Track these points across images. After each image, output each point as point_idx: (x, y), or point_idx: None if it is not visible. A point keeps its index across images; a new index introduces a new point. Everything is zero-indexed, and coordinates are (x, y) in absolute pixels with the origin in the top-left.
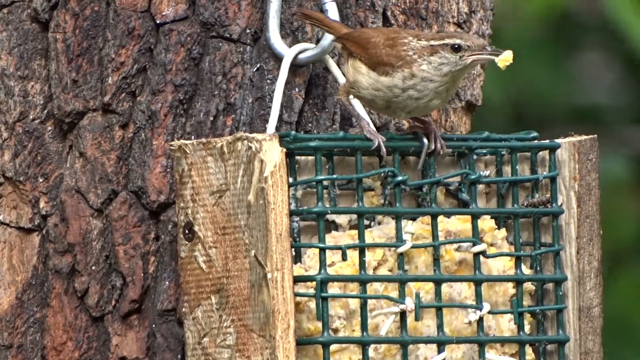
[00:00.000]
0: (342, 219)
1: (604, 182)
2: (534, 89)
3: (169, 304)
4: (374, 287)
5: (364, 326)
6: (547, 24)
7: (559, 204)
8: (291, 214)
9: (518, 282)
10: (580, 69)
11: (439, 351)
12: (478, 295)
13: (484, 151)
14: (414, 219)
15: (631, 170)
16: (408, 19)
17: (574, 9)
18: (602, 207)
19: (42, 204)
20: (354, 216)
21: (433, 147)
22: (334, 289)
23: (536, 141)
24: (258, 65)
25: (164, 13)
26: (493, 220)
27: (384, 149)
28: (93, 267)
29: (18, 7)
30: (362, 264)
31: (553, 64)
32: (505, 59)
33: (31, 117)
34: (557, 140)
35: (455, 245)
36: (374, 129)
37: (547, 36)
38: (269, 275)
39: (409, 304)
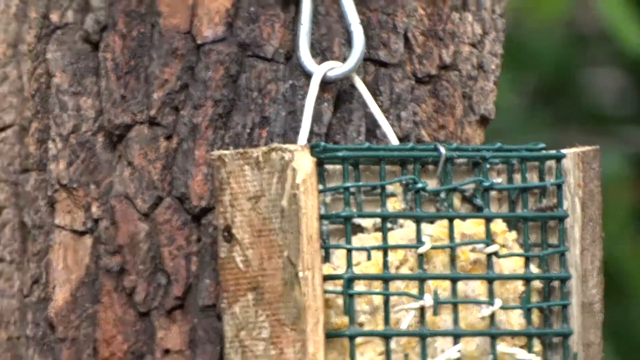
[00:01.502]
0: (367, 223)
1: (606, 176)
2: (545, 94)
3: (210, 300)
4: (396, 285)
5: (386, 320)
6: (557, 33)
7: (565, 208)
8: (321, 217)
9: (527, 280)
10: (588, 75)
11: (455, 343)
12: (491, 292)
13: (497, 161)
14: (432, 223)
15: (630, 167)
16: (427, 39)
17: (579, 20)
18: (604, 198)
19: (93, 209)
20: (379, 220)
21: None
22: (359, 286)
23: (544, 151)
24: (290, 82)
25: (204, 34)
26: (505, 223)
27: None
28: (140, 267)
29: (71, 29)
30: (385, 264)
31: (563, 70)
32: None
33: (83, 129)
34: (563, 151)
35: (470, 247)
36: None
37: (557, 44)
38: (301, 274)
39: (428, 300)
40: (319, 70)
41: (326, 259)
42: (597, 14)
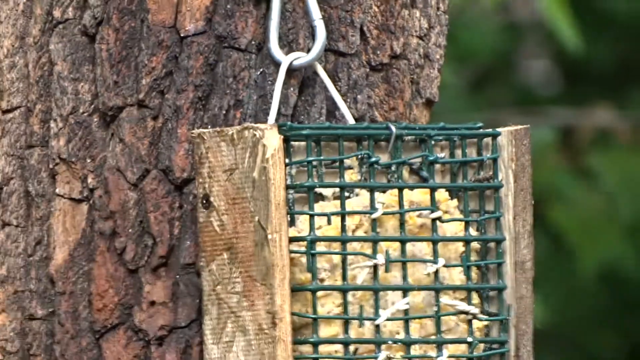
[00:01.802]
0: (327, 192)
1: (536, 145)
2: (484, 77)
3: (190, 259)
4: (352, 246)
5: (344, 277)
6: (493, 23)
7: (499, 179)
8: (287, 187)
9: (467, 242)
10: (522, 60)
11: (404, 296)
12: (435, 252)
13: (440, 138)
14: (384, 192)
15: (555, 137)
16: (380, 33)
17: (513, 11)
18: (534, 163)
19: (89, 180)
20: (337, 189)
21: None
22: (320, 247)
23: (482, 130)
24: (261, 70)
25: (186, 28)
26: (447, 192)
27: None
28: (130, 230)
29: (71, 24)
30: (343, 227)
31: (500, 57)
32: None
33: (81, 111)
34: (498, 129)
35: (417, 213)
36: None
37: (495, 34)
38: (270, 237)
39: (380, 259)
40: (286, 60)
41: (292, 223)
42: (534, 7)
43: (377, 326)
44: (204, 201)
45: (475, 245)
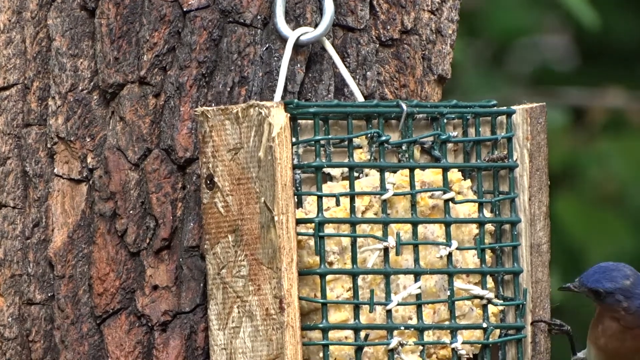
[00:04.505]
0: (335, 172)
1: (548, 126)
2: (499, 53)
3: (194, 241)
4: (362, 228)
5: (354, 260)
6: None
7: (514, 159)
8: (294, 167)
9: (480, 223)
10: (540, 35)
11: (416, 280)
12: (447, 235)
13: (453, 116)
14: (395, 172)
15: (567, 118)
16: (390, 7)
17: None
18: (549, 147)
19: (89, 160)
20: (346, 169)
21: None
22: (329, 229)
23: (495, 107)
24: (267, 46)
25: (189, 2)
26: (460, 172)
27: None
28: (131, 212)
29: None
30: (352, 209)
31: (518, 32)
32: None
33: (80, 88)
34: (513, 107)
35: (429, 193)
36: None
37: (508, 10)
38: (276, 218)
39: (391, 241)
40: (293, 35)
41: (299, 204)
42: None
43: (389, 311)
44: (208, 181)
45: (489, 227)
